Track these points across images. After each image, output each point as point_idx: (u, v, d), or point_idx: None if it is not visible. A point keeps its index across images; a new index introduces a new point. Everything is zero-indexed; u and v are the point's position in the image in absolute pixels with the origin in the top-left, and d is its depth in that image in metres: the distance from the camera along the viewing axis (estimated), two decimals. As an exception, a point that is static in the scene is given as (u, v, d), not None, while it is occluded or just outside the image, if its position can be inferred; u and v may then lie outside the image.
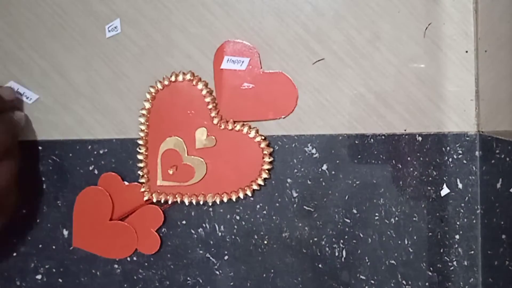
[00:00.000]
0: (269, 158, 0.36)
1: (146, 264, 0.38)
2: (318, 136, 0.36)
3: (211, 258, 0.37)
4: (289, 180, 0.36)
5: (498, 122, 0.33)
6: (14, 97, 0.37)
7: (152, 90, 0.36)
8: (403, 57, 0.35)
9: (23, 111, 0.38)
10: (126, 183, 0.38)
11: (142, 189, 0.37)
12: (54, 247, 0.38)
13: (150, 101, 0.36)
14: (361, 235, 0.35)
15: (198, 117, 0.36)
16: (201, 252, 0.37)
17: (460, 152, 0.34)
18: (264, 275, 0.37)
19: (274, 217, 0.37)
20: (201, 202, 0.37)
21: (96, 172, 0.38)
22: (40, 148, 0.38)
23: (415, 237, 0.35)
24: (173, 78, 0.36)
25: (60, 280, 0.38)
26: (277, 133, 0.36)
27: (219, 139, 0.36)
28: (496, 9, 0.33)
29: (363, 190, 0.35)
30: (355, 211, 0.35)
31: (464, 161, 0.34)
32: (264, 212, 0.37)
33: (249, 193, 0.36)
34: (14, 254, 0.39)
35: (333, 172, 0.35)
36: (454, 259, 0.34)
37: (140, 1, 0.37)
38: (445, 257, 0.34)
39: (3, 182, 0.33)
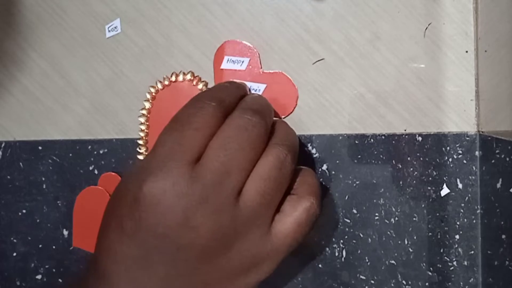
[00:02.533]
0: (269, 158, 0.36)
1: (146, 264, 0.38)
2: (318, 136, 0.36)
3: (211, 258, 0.37)
4: (289, 180, 0.36)
5: (498, 122, 0.33)
6: None
7: (152, 90, 0.36)
8: (403, 57, 0.35)
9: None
10: (126, 183, 0.37)
11: (142, 189, 0.37)
12: (54, 247, 0.38)
13: (150, 101, 0.36)
14: (361, 235, 0.35)
15: (198, 117, 0.36)
16: (201, 252, 0.37)
17: (460, 152, 0.34)
18: (264, 275, 0.37)
19: (274, 217, 0.37)
20: (201, 202, 0.37)
21: (96, 172, 0.38)
22: (40, 148, 0.38)
23: (415, 237, 0.35)
24: (173, 78, 0.36)
25: (60, 280, 0.38)
26: (277, 133, 0.36)
27: (219, 139, 0.36)
28: (496, 9, 0.33)
29: (363, 190, 0.35)
30: (355, 211, 0.35)
31: (464, 161, 0.34)
32: (264, 212, 0.37)
33: (249, 193, 0.36)
34: (14, 254, 0.39)
35: (333, 172, 0.35)
36: (454, 259, 0.34)
37: (140, 1, 0.37)
38: (445, 257, 0.34)
39: None
